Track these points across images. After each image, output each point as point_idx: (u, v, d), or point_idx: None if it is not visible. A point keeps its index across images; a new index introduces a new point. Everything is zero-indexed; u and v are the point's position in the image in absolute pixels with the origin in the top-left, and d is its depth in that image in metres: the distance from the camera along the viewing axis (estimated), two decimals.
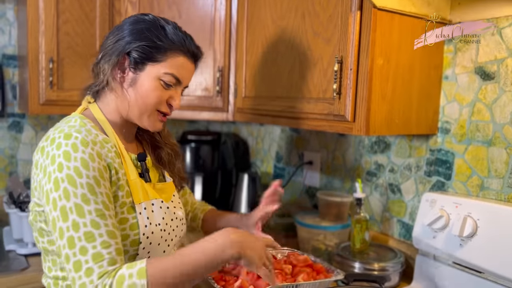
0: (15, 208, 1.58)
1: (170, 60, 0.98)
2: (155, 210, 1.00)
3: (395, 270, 1.36)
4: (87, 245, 0.82)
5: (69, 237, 0.83)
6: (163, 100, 1.01)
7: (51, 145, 0.89)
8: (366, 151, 1.65)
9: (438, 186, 1.41)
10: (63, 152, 0.86)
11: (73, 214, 0.83)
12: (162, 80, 0.99)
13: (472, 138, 1.31)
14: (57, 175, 0.85)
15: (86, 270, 0.81)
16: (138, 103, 0.99)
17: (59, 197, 0.84)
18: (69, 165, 0.85)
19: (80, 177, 0.85)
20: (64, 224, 0.83)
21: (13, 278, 1.39)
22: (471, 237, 1.18)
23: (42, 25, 1.67)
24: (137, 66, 0.97)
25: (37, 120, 2.04)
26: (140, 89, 0.98)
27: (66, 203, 0.84)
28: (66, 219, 0.83)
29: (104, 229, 0.84)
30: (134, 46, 0.96)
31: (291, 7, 1.42)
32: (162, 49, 0.97)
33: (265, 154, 2.21)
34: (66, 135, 0.89)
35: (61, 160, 0.86)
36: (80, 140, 0.88)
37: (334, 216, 1.61)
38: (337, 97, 1.23)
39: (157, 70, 0.97)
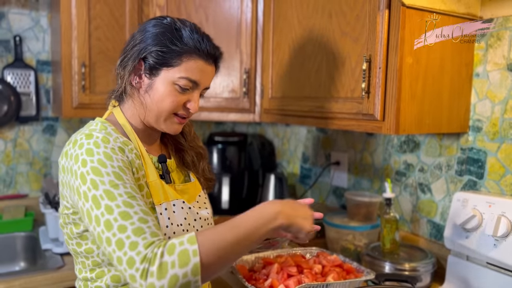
0: (51, 208, 1.64)
1: (185, 64, 0.97)
2: (177, 211, 1.00)
3: (427, 270, 1.34)
4: (125, 223, 0.82)
5: (105, 220, 0.83)
6: (179, 105, 1.00)
7: (73, 147, 0.91)
8: (395, 151, 1.63)
9: (470, 186, 1.38)
10: (86, 150, 0.88)
11: (104, 200, 0.84)
12: (177, 85, 0.98)
13: (505, 136, 1.28)
14: (82, 170, 0.87)
15: (130, 244, 0.80)
16: (154, 108, 0.99)
17: (88, 188, 0.85)
18: (92, 159, 0.87)
19: (105, 167, 0.87)
20: (98, 211, 0.84)
21: (49, 276, 1.43)
22: (505, 237, 1.16)
23: (75, 31, 1.72)
24: (152, 71, 0.97)
25: (69, 123, 2.11)
26: (155, 94, 0.98)
27: (96, 192, 0.85)
28: (99, 206, 0.84)
29: (137, 207, 0.85)
30: (149, 52, 0.96)
31: (317, 7, 1.43)
32: (176, 53, 0.96)
33: (291, 155, 2.22)
34: (87, 135, 0.91)
35: (84, 157, 0.88)
36: (101, 138, 0.91)
37: (363, 216, 1.60)
38: (366, 96, 1.23)
39: (171, 75, 0.97)
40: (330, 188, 1.97)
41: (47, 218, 1.67)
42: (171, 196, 1.01)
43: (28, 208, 1.99)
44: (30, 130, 2.04)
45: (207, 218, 1.10)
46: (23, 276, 1.41)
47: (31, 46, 2.01)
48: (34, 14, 2.00)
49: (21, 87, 1.98)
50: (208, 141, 2.21)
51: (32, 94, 2.00)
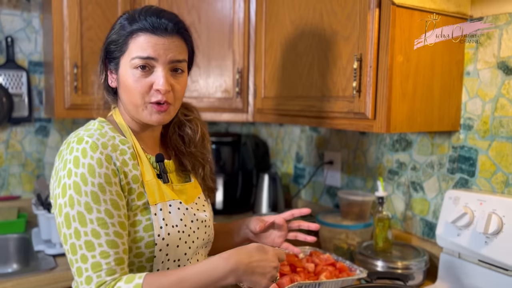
0: (43, 209, 1.63)
1: (132, 44, 0.95)
2: (172, 211, 0.98)
3: (419, 268, 1.35)
4: (87, 254, 0.86)
5: (72, 244, 0.86)
6: (145, 87, 0.96)
7: (66, 149, 0.91)
8: (388, 150, 1.64)
9: (462, 184, 1.39)
10: (74, 157, 0.89)
11: (75, 222, 0.86)
12: (135, 68, 0.95)
13: (495, 134, 1.29)
14: (66, 181, 0.88)
15: (86, 278, 0.85)
16: (128, 99, 0.98)
17: (65, 204, 0.87)
18: (77, 171, 0.88)
19: (86, 185, 0.87)
20: (68, 231, 0.86)
21: (42, 277, 1.43)
22: (496, 234, 1.17)
23: (67, 31, 1.72)
24: (115, 66, 0.99)
25: (62, 124, 2.10)
26: (123, 85, 0.98)
27: (70, 211, 0.86)
28: (69, 226, 0.86)
29: (104, 238, 0.87)
30: (106, 50, 1.00)
31: (309, 7, 1.43)
32: (121, 39, 0.96)
33: (285, 154, 2.22)
34: (79, 139, 0.91)
35: (71, 166, 0.88)
36: (90, 144, 0.90)
37: (356, 215, 1.60)
38: (357, 95, 1.24)
39: (126, 60, 0.96)
40: (323, 187, 1.97)
41: (39, 220, 1.66)
42: (167, 196, 0.99)
43: (20, 209, 1.99)
44: (22, 131, 2.03)
45: (204, 220, 1.07)
46: (15, 277, 1.40)
47: (23, 47, 2.00)
48: (25, 15, 1.99)
49: (13, 88, 1.97)
50: None
51: (24, 95, 2.00)
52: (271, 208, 2.02)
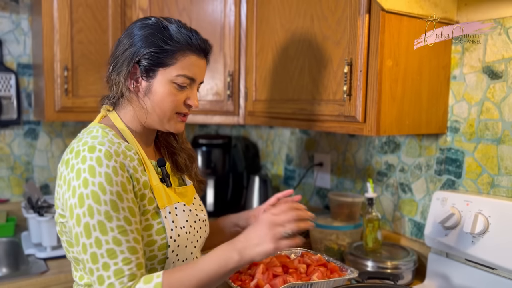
0: (34, 213, 1.62)
1: (180, 61, 0.97)
2: (179, 214, 1.01)
3: (408, 268, 1.38)
4: (109, 262, 0.86)
5: (92, 253, 0.86)
6: (180, 103, 1.01)
7: (75, 158, 0.89)
8: (376, 152, 1.67)
9: (449, 185, 1.42)
10: (88, 166, 0.87)
11: (96, 231, 0.86)
12: (176, 83, 0.98)
13: (481, 136, 1.32)
14: (82, 191, 0.86)
15: (108, 285, 0.86)
16: (156, 110, 0.99)
17: (83, 213, 0.86)
18: (94, 180, 0.86)
19: (104, 194, 0.87)
20: (88, 241, 0.86)
21: (34, 280, 1.42)
22: (483, 234, 1.20)
23: (57, 34, 1.71)
24: (148, 73, 0.97)
25: (51, 127, 2.09)
26: (155, 96, 0.98)
27: (90, 220, 0.86)
28: (89, 236, 0.86)
29: (125, 245, 0.87)
30: (143, 54, 0.96)
31: (299, 11, 1.45)
32: (170, 52, 0.96)
33: (275, 156, 2.24)
34: (90, 148, 0.89)
35: (86, 175, 0.87)
36: (104, 152, 0.89)
37: (346, 216, 1.63)
38: (348, 98, 1.26)
39: (169, 74, 0.97)
40: (313, 189, 1.99)
41: (30, 223, 1.65)
42: (173, 200, 1.02)
43: (9, 213, 1.97)
44: (11, 134, 2.01)
45: (204, 220, 1.12)
46: (6, 281, 1.39)
47: (11, 49, 1.99)
48: (14, 17, 1.98)
49: (1, 91, 1.95)
50: (192, 144, 2.22)
51: (13, 98, 1.98)
52: None
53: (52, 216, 1.58)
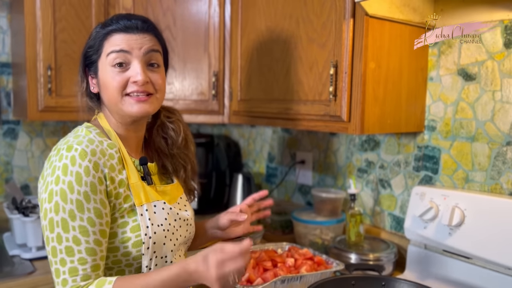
0: (18, 213, 1.61)
1: (107, 45, 1.02)
2: (157, 211, 1.03)
3: (389, 260, 1.45)
4: (66, 258, 0.91)
5: (53, 247, 0.92)
6: (123, 83, 1.00)
7: (56, 155, 0.95)
8: (357, 150, 1.74)
9: (426, 180, 1.51)
10: (62, 165, 0.92)
11: (58, 227, 0.91)
12: (112, 65, 1.00)
13: (456, 134, 1.41)
14: (53, 187, 0.92)
15: (62, 280, 0.91)
16: (108, 98, 1.03)
17: (50, 209, 0.91)
18: (64, 179, 0.91)
19: (72, 193, 0.91)
20: (50, 235, 0.92)
21: (22, 281, 1.41)
22: (459, 226, 1.28)
23: (40, 33, 1.70)
24: (94, 70, 1.05)
25: (31, 126, 2.06)
26: (103, 85, 1.03)
27: (55, 216, 0.91)
28: (52, 230, 0.91)
29: (84, 246, 0.92)
30: (84, 56, 1.06)
31: (285, 14, 1.50)
32: (96, 42, 1.03)
33: (257, 155, 2.28)
34: (69, 147, 0.94)
35: (59, 172, 0.92)
36: (79, 152, 0.93)
37: (328, 211, 1.69)
38: (333, 99, 1.32)
39: (103, 60, 1.02)
40: (295, 186, 2.05)
41: (14, 224, 1.64)
42: (152, 198, 1.04)
43: None
44: None
45: (186, 219, 1.13)
46: None
47: None
48: None
49: None
50: None
51: None
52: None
53: (37, 216, 1.57)
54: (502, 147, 1.30)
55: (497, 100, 1.30)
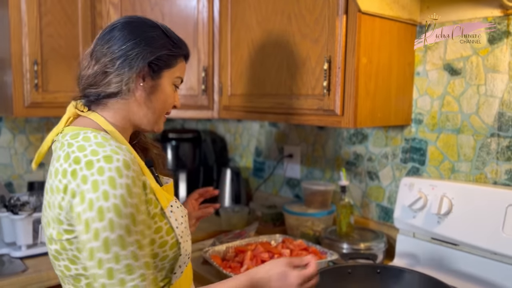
0: (7, 211, 1.58)
1: (179, 64, 1.02)
2: (175, 211, 1.02)
3: (379, 249, 1.50)
4: (126, 277, 0.83)
5: (109, 268, 0.82)
6: (173, 103, 1.04)
7: (88, 169, 0.83)
8: (345, 143, 1.79)
9: (413, 171, 1.56)
10: (108, 178, 0.82)
11: (116, 246, 0.82)
12: (175, 85, 1.03)
13: (443, 127, 1.47)
14: (102, 204, 0.81)
15: None
16: (157, 109, 1.00)
17: (103, 228, 0.81)
18: (115, 193, 0.82)
19: (125, 207, 0.83)
20: (105, 256, 0.82)
21: (15, 280, 1.39)
22: (447, 214, 1.34)
23: (25, 27, 1.66)
24: (155, 73, 0.98)
25: (14, 123, 2.02)
26: (159, 95, 0.99)
27: (110, 235, 0.82)
28: (107, 250, 0.82)
29: (142, 261, 0.85)
30: (157, 56, 0.97)
31: (276, 10, 1.52)
32: (176, 55, 1.00)
33: (243, 149, 2.30)
34: (107, 157, 0.84)
35: (106, 187, 0.82)
36: (122, 162, 0.85)
37: (319, 203, 1.73)
38: (327, 93, 1.35)
39: (172, 75, 1.00)
40: (283, 179, 2.08)
41: (2, 222, 1.60)
42: (168, 198, 1.02)
43: None
44: None
45: (186, 214, 1.12)
46: None
47: None
48: None
49: None
50: (162, 138, 2.23)
51: None
52: (234, 201, 2.10)
53: (27, 214, 1.55)
54: (487, 139, 1.36)
55: (481, 93, 1.37)
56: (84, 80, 0.98)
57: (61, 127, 0.96)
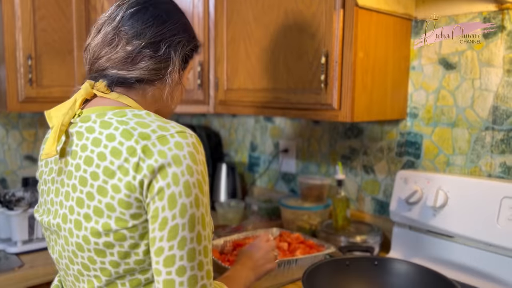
0: (2, 207, 1.56)
1: (195, 56, 0.99)
2: None
3: (376, 241, 1.52)
4: (203, 260, 0.78)
5: (191, 249, 0.76)
6: None
7: (163, 144, 0.76)
8: (340, 137, 1.80)
9: (409, 165, 1.58)
10: (188, 153, 0.77)
11: (199, 224, 0.77)
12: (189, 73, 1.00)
13: (438, 121, 1.48)
14: (188, 179, 0.75)
15: (201, 286, 0.77)
16: (177, 100, 0.97)
17: (191, 204, 0.76)
18: (197, 169, 0.77)
19: (205, 184, 0.79)
20: (190, 235, 0.76)
21: (12, 275, 1.39)
22: (443, 207, 1.36)
23: (19, 21, 1.64)
24: (185, 64, 0.95)
25: (7, 118, 2.00)
26: (183, 83, 0.97)
27: (196, 212, 0.76)
28: (192, 229, 0.76)
29: (210, 245, 0.80)
30: (192, 45, 0.94)
31: (272, 4, 1.52)
32: (197, 46, 0.98)
33: (238, 144, 2.30)
34: (181, 133, 0.78)
35: (189, 162, 0.76)
36: (195, 138, 0.80)
37: (315, 197, 1.74)
38: (324, 87, 1.36)
39: (190, 67, 0.98)
40: (279, 174, 2.09)
41: None
42: None
43: None
44: None
45: None
46: None
47: None
48: None
49: None
50: None
51: None
52: (229, 195, 2.10)
53: (23, 209, 1.54)
54: (481, 132, 1.38)
55: (476, 87, 1.38)
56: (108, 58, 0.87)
57: (77, 108, 0.86)
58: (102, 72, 0.88)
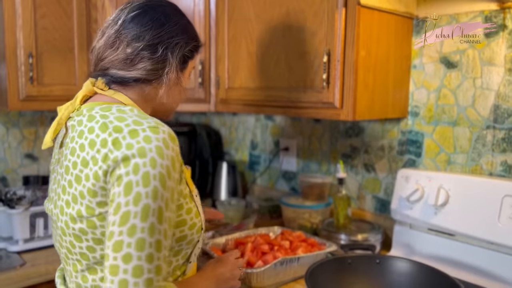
0: (3, 206, 1.56)
1: (196, 56, 1.01)
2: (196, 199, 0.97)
3: (377, 240, 1.52)
4: (154, 254, 0.77)
5: (141, 239, 0.76)
6: None
7: (133, 137, 0.79)
8: (341, 136, 1.80)
9: (410, 164, 1.58)
10: (155, 147, 0.78)
11: (154, 216, 0.77)
12: (189, 73, 1.02)
13: (439, 119, 1.49)
14: (149, 170, 0.76)
15: (146, 280, 0.76)
16: (177, 99, 1.00)
17: (147, 194, 0.76)
18: (162, 162, 0.78)
19: (169, 179, 0.79)
20: (141, 224, 0.76)
21: (13, 274, 1.39)
22: (444, 205, 1.36)
23: (20, 19, 1.64)
24: (183, 64, 0.98)
25: (7, 117, 1.99)
26: (182, 84, 0.99)
27: (152, 203, 0.77)
28: (145, 219, 0.76)
29: (168, 241, 0.80)
30: (191, 46, 0.97)
31: (274, 3, 1.52)
32: (197, 46, 1.00)
33: (239, 143, 2.30)
34: (153, 128, 0.80)
35: (154, 155, 0.77)
36: (167, 134, 0.81)
37: (316, 196, 1.74)
38: (326, 86, 1.36)
39: (190, 67, 1.00)
40: (279, 172, 2.09)
41: None
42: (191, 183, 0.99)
43: None
44: None
45: None
46: None
47: None
48: None
49: None
50: None
51: None
52: (230, 194, 2.10)
53: (24, 208, 1.54)
54: (482, 131, 1.39)
55: (477, 86, 1.39)
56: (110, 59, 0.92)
57: (78, 103, 0.92)
58: (104, 71, 0.94)
